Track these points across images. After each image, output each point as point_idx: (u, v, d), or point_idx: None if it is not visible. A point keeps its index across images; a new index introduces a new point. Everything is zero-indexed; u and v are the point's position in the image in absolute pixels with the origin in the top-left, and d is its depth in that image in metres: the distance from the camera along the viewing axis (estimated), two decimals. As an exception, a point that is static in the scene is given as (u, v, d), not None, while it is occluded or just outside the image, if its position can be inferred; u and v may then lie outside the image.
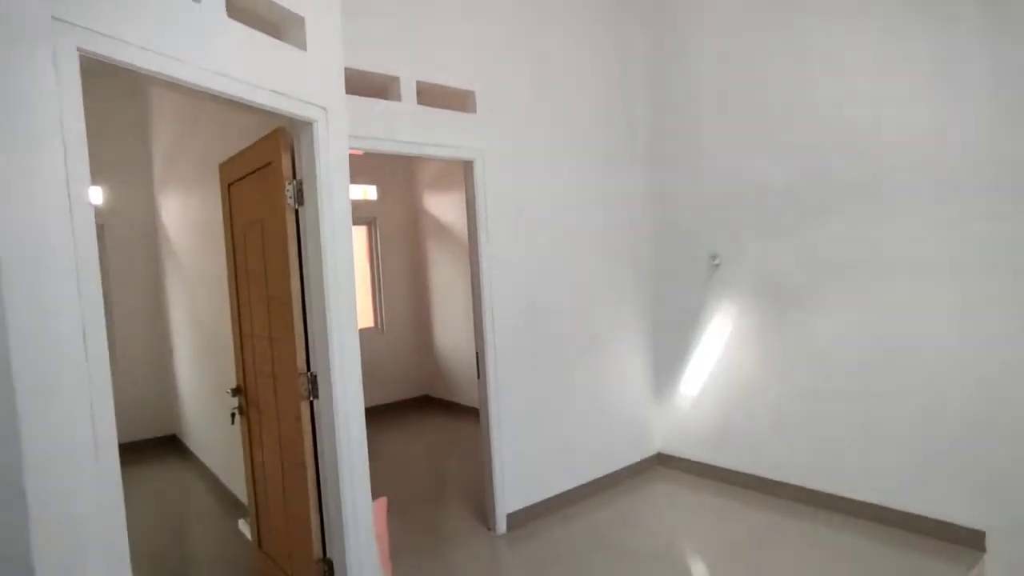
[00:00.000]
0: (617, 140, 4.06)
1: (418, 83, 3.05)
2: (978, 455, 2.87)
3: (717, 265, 3.87)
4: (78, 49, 1.49)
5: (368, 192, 6.62)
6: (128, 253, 5.44)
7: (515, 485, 3.45)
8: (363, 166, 6.12)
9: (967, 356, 2.89)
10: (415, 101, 3.04)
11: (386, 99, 3.01)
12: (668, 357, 4.23)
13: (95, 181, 5.20)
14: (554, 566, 2.99)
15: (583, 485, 3.84)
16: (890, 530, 3.11)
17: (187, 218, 4.59)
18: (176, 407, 5.49)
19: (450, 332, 6.44)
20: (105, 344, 1.52)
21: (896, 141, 3.07)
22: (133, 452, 5.28)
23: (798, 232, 3.48)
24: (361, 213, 6.47)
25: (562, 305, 3.73)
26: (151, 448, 5.43)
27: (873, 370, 3.21)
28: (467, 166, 3.31)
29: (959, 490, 2.94)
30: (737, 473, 3.84)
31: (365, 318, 6.87)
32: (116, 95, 5.21)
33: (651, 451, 4.30)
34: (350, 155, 2.46)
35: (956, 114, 2.87)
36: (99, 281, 1.52)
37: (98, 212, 5.32)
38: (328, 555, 2.41)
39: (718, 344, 3.92)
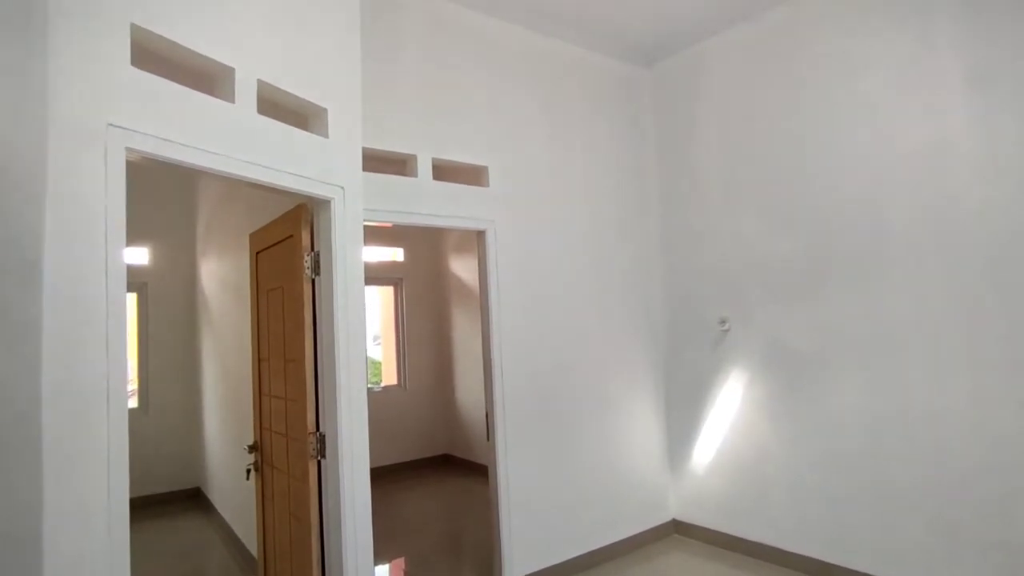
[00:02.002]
0: (627, 208, 4.22)
1: (434, 160, 3.29)
2: (1000, 528, 2.77)
3: (726, 330, 3.91)
4: (126, 149, 1.73)
5: (396, 254, 6.90)
6: (168, 310, 5.77)
7: (524, 549, 3.45)
8: (391, 230, 6.41)
9: (983, 425, 2.84)
10: (431, 177, 3.27)
11: (404, 175, 3.24)
12: (681, 421, 4.22)
13: (144, 244, 5.64)
14: (558, 636, 2.95)
15: (595, 551, 3.79)
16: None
17: (221, 281, 4.88)
18: (202, 460, 5.65)
19: (470, 391, 6.52)
20: (126, 415, 1.68)
21: (900, 212, 3.13)
22: (158, 504, 5.44)
23: (804, 300, 3.52)
24: (389, 274, 6.74)
25: (573, 368, 3.80)
26: (176, 501, 5.57)
27: (887, 439, 3.16)
28: (479, 235, 3.49)
29: (981, 567, 2.82)
30: (754, 543, 3.74)
31: (389, 375, 7.02)
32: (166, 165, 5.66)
33: (666, 518, 4.22)
34: (379, 225, 2.65)
35: (959, 186, 2.93)
36: (126, 354, 1.71)
37: (143, 271, 5.71)
38: (329, 615, 2.46)
39: (730, 409, 3.91)
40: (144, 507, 5.31)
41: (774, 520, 3.65)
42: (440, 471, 6.56)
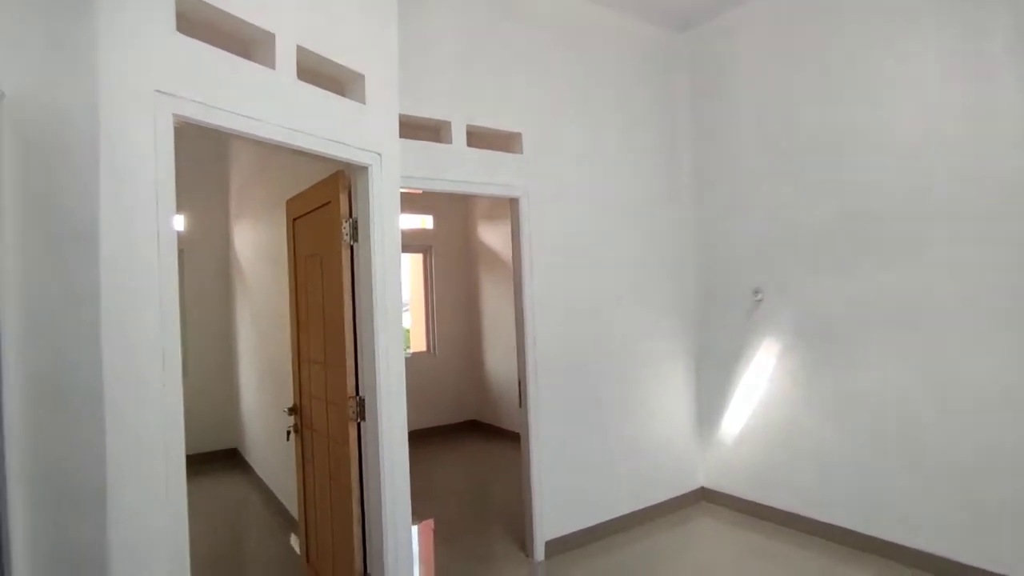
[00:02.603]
0: (661, 175, 4.15)
1: (468, 126, 3.26)
2: (1037, 508, 2.74)
3: (760, 300, 3.86)
4: (174, 115, 1.74)
5: (425, 222, 6.92)
6: (203, 276, 5.90)
7: (554, 513, 3.52)
8: (421, 198, 6.42)
9: (1022, 399, 2.78)
10: (465, 143, 3.25)
11: (439, 142, 3.23)
12: (711, 391, 4.22)
13: (179, 212, 5.74)
14: (588, 597, 3.03)
15: (623, 516, 3.85)
16: (942, 582, 2.99)
17: (255, 247, 4.96)
18: (238, 422, 5.84)
19: (499, 358, 6.58)
20: (179, 373, 1.73)
21: (940, 182, 3.03)
22: (197, 463, 5.63)
23: (840, 271, 3.45)
24: (418, 241, 6.77)
25: (605, 336, 3.80)
26: (214, 460, 5.78)
27: (922, 411, 3.12)
28: (513, 203, 3.48)
29: (1017, 541, 2.80)
30: (782, 512, 3.77)
31: (418, 342, 7.12)
32: (199, 132, 5.71)
33: (694, 486, 4.26)
34: (410, 192, 2.66)
35: (1001, 155, 2.82)
36: (178, 314, 1.75)
37: (180, 239, 5.80)
38: (369, 571, 2.56)
39: (762, 380, 3.89)
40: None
41: (803, 489, 3.65)
42: (468, 436, 6.68)
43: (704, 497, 4.27)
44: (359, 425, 2.56)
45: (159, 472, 1.66)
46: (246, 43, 2.15)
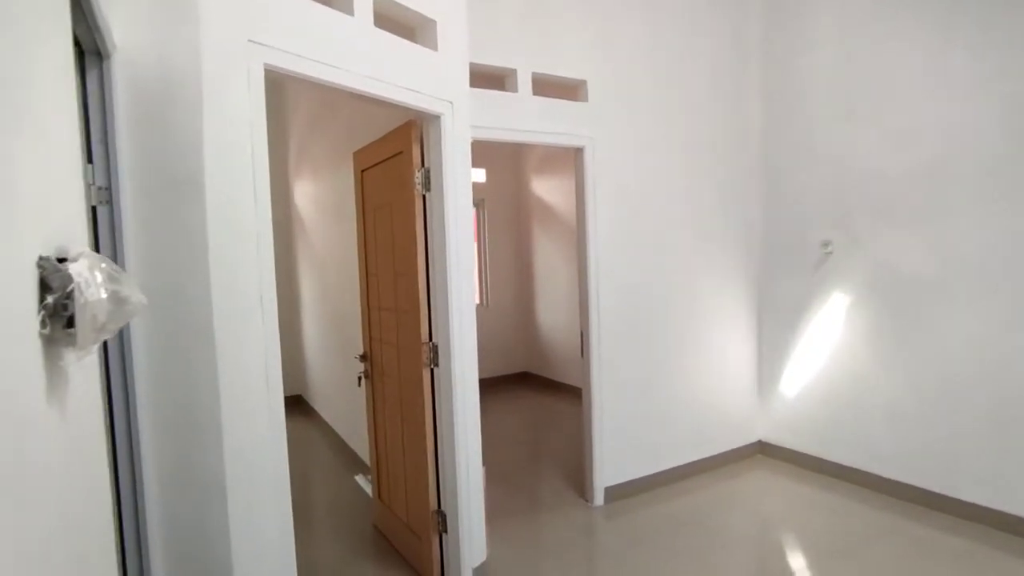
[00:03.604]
0: (729, 123, 4.00)
1: (533, 74, 3.20)
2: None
3: (829, 253, 3.75)
4: (265, 65, 1.78)
5: (477, 175, 6.90)
6: (266, 230, 6.08)
7: (613, 460, 3.59)
8: (474, 150, 6.37)
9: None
10: (531, 91, 3.20)
11: (503, 90, 3.19)
12: (773, 344, 4.16)
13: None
14: (648, 541, 3.11)
15: (681, 466, 3.90)
16: (1019, 540, 2.94)
17: (316, 200, 5.07)
18: (303, 370, 6.11)
19: (551, 311, 6.63)
20: (275, 315, 1.83)
21: (1046, 125, 2.82)
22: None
23: (921, 222, 3.29)
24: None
25: (667, 288, 3.78)
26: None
27: (1003, 370, 3.01)
28: (577, 152, 3.43)
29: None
30: (844, 467, 3.74)
31: (469, 296, 7.23)
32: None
33: (752, 438, 4.26)
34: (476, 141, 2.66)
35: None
36: (272, 254, 1.83)
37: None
38: (442, 508, 2.69)
39: (828, 334, 3.81)
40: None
41: (870, 445, 3.61)
42: (521, 388, 6.82)
43: (761, 451, 4.28)
44: (432, 371, 2.64)
45: (263, 404, 1.78)
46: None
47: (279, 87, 5.86)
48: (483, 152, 6.61)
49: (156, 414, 1.62)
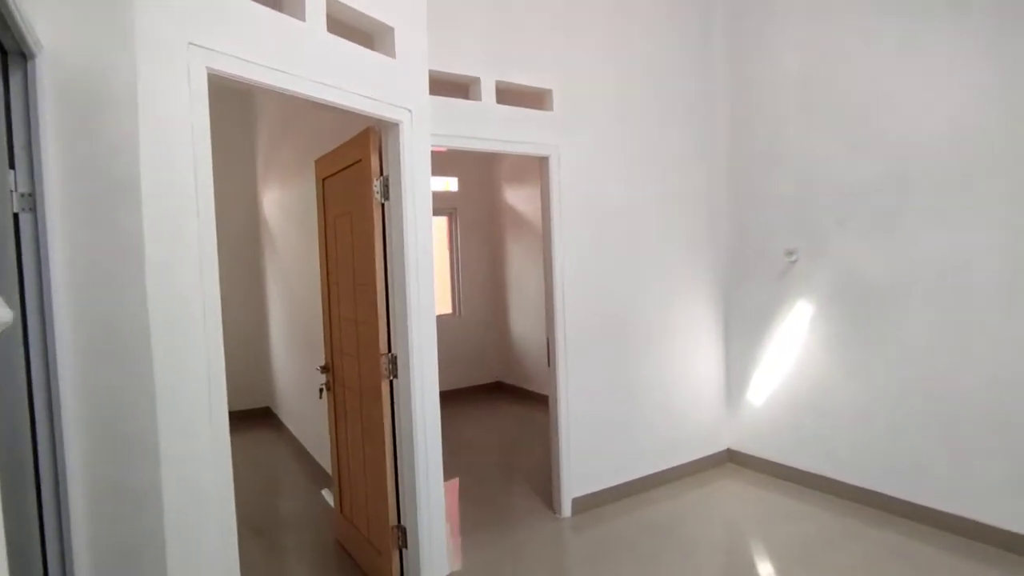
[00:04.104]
0: (695, 134, 4.04)
1: (497, 83, 3.19)
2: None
3: (794, 261, 3.78)
4: (208, 69, 1.73)
5: (449, 184, 6.88)
6: (232, 237, 5.96)
7: (581, 471, 3.56)
8: (446, 159, 6.36)
9: (1069, 367, 2.70)
10: (494, 100, 3.18)
11: (467, 99, 3.17)
12: (740, 352, 4.18)
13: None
14: (614, 552, 3.08)
15: (649, 476, 3.89)
16: (980, 546, 2.97)
17: (283, 207, 4.99)
18: (270, 381, 5.99)
19: (524, 320, 6.60)
20: (220, 325, 1.76)
21: (992, 139, 2.88)
22: (231, 421, 5.83)
23: (881, 231, 3.34)
24: (442, 204, 6.74)
25: (633, 297, 3.78)
26: (247, 418, 5.96)
27: (963, 378, 3.05)
28: (543, 162, 3.42)
29: (1054, 509, 2.76)
30: (810, 474, 3.76)
31: (444, 304, 7.16)
32: (226, 90, 5.71)
33: (720, 447, 4.27)
34: (433, 151, 2.64)
35: (1067, 107, 2.67)
36: (216, 262, 1.77)
37: (208, 201, 5.87)
38: (402, 522, 2.63)
39: (793, 342, 3.84)
40: (221, 421, 5.71)
41: (834, 452, 3.64)
42: (493, 397, 6.77)
43: (731, 459, 4.28)
44: (391, 382, 2.59)
45: (204, 420, 1.71)
46: (275, -6, 2.11)
47: (247, 92, 5.77)
48: (455, 160, 6.59)
49: (86, 432, 1.55)
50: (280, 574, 3.00)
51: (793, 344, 3.84)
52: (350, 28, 2.35)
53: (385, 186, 2.53)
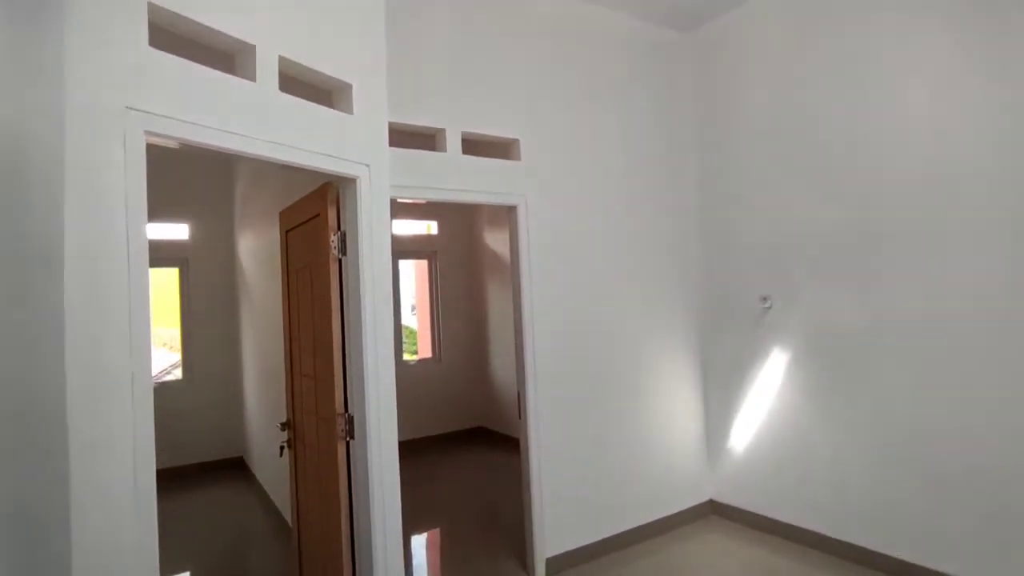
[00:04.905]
0: (665, 179, 4.05)
1: (463, 133, 3.19)
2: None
3: (768, 308, 3.75)
4: (146, 132, 1.69)
5: (430, 227, 6.88)
6: (208, 286, 5.90)
7: (556, 528, 3.43)
8: (426, 204, 6.37)
9: (1045, 418, 2.65)
10: (460, 151, 3.18)
11: (433, 150, 3.16)
12: (719, 400, 4.11)
13: (184, 220, 5.75)
14: (589, 617, 2.94)
15: (629, 531, 3.75)
16: (959, 604, 2.86)
17: (256, 257, 4.94)
18: (243, 430, 5.83)
19: (505, 364, 6.51)
20: (150, 397, 1.68)
21: (962, 184, 2.89)
22: (203, 472, 5.66)
23: (853, 277, 3.33)
24: (423, 247, 6.72)
25: (608, 347, 3.72)
26: (221, 468, 5.78)
27: (938, 426, 2.99)
28: (511, 211, 3.40)
29: (1039, 567, 2.67)
30: (794, 527, 3.65)
31: (424, 348, 7.07)
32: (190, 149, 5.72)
33: (702, 498, 4.15)
34: (409, 202, 2.60)
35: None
36: (149, 338, 1.69)
37: (185, 247, 5.83)
38: (360, 591, 2.49)
39: (772, 390, 3.78)
40: (189, 475, 5.54)
41: (815, 504, 3.53)
42: (475, 443, 6.62)
43: (714, 511, 4.16)
44: (348, 443, 2.50)
45: (127, 497, 1.61)
46: (227, 56, 2.10)
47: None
48: (436, 206, 6.60)
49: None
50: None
51: (772, 391, 3.78)
52: (306, 85, 2.35)
53: (342, 241, 2.49)
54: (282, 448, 3.10)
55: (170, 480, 5.24)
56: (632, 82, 3.91)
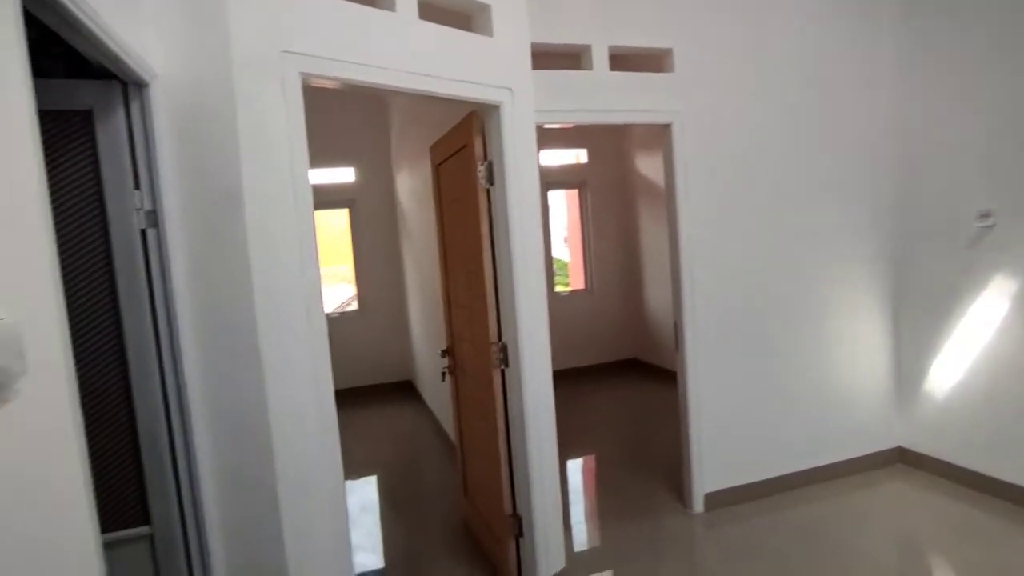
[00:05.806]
0: (847, 79, 3.42)
1: (610, 48, 2.94)
2: None
3: (990, 226, 3.09)
4: (300, 74, 1.75)
5: (579, 156, 6.67)
6: (373, 222, 6.35)
7: (715, 464, 3.29)
8: (573, 131, 6.17)
9: None
10: (607, 68, 2.94)
11: (579, 69, 2.96)
12: (914, 337, 3.56)
13: (350, 164, 6.19)
14: (754, 556, 2.80)
15: (798, 472, 3.49)
16: None
17: (412, 193, 5.16)
18: (411, 356, 6.35)
19: (660, 295, 6.27)
20: (323, 319, 1.81)
21: None
22: (376, 394, 6.30)
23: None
24: (573, 177, 6.57)
25: (775, 272, 3.35)
26: (393, 391, 6.39)
27: None
28: (664, 129, 3.12)
29: None
30: (1008, 484, 3.12)
31: (576, 280, 7.05)
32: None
33: (889, 444, 3.70)
34: (554, 126, 2.48)
35: None
36: (318, 265, 1.81)
37: (351, 189, 6.30)
38: (517, 511, 2.61)
39: (989, 325, 3.17)
40: (364, 396, 6.19)
41: (1041, 460, 2.97)
42: (628, 375, 6.56)
43: (901, 458, 3.70)
44: (503, 371, 2.55)
45: (311, 410, 1.79)
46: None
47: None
48: (583, 132, 6.37)
49: (211, 427, 1.69)
50: (411, 549, 3.15)
51: (989, 326, 3.17)
52: (445, 11, 2.28)
53: (489, 171, 2.45)
54: (444, 374, 3.28)
55: (353, 398, 5.92)
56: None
